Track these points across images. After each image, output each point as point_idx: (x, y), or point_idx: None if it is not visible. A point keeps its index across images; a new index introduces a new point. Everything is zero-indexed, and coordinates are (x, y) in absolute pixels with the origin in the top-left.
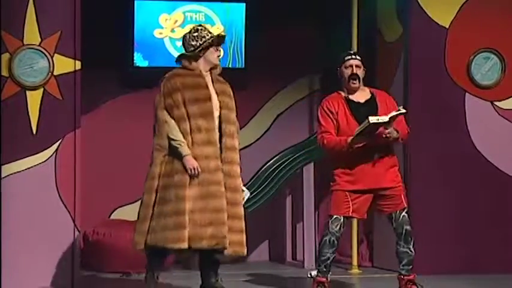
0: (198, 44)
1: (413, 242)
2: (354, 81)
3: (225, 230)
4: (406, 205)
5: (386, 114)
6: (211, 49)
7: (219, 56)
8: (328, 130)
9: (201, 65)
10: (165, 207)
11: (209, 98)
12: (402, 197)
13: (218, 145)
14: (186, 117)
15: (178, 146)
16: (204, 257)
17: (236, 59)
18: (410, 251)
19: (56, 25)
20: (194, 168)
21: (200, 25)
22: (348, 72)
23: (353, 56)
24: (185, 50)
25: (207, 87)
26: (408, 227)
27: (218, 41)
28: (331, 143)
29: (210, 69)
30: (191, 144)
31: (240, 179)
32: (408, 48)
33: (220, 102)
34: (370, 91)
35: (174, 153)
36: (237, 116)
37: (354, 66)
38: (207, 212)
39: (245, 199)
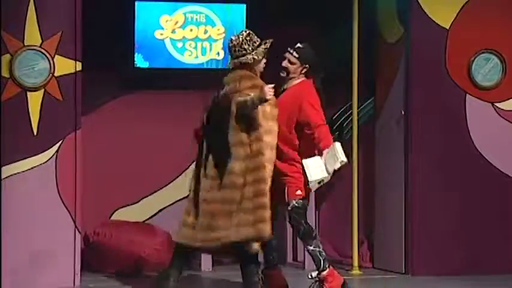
0: (251, 49)
1: (305, 240)
2: (281, 72)
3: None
4: (288, 199)
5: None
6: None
7: None
8: None
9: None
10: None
11: None
12: (286, 190)
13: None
14: None
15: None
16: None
17: None
18: (306, 248)
19: (56, 26)
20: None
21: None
22: None
23: (287, 50)
24: (236, 54)
25: None
26: (293, 223)
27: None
28: None
29: None
30: None
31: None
32: (409, 50)
33: None
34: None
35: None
36: None
37: (284, 59)
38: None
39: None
